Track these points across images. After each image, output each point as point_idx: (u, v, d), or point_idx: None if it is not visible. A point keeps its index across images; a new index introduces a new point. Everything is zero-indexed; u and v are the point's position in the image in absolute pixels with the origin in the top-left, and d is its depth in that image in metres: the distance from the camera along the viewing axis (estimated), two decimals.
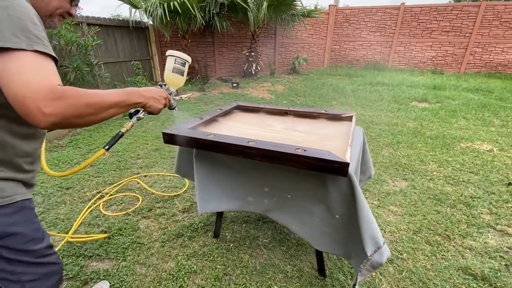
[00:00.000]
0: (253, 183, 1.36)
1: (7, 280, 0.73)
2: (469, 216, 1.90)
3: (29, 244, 0.74)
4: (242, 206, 1.44)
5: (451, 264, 1.50)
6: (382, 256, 1.06)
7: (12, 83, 0.54)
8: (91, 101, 0.64)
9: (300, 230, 1.28)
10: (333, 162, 0.98)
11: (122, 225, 1.83)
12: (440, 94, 5.54)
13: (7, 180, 0.71)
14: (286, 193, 1.28)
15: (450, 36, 8.18)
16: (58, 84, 0.59)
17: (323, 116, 1.68)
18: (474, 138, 3.29)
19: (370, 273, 1.09)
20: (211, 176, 1.42)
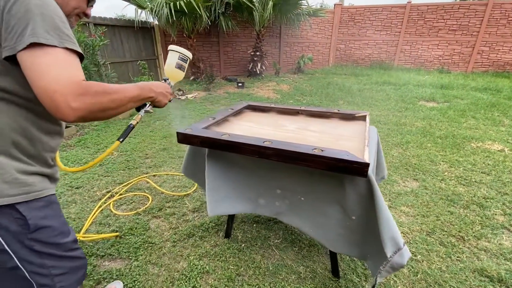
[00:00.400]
0: (265, 184, 1.35)
1: (38, 274, 0.73)
2: (482, 217, 1.87)
3: (58, 238, 0.75)
4: (253, 209, 1.42)
5: (466, 266, 1.48)
6: (402, 257, 1.04)
7: (42, 78, 0.56)
8: (114, 95, 0.68)
9: (314, 232, 1.27)
10: (352, 163, 0.96)
11: (133, 225, 1.83)
12: (448, 94, 5.48)
13: (37, 174, 0.72)
14: (299, 195, 1.26)
15: (457, 35, 8.09)
16: (83, 79, 0.61)
17: (336, 115, 1.67)
18: (484, 138, 3.25)
19: (389, 274, 1.07)
20: (223, 177, 1.41)
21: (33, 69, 0.56)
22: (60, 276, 0.77)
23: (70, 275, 0.80)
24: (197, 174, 1.63)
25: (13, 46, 0.57)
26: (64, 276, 0.78)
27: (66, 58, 0.60)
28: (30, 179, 0.70)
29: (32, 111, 0.69)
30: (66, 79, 0.57)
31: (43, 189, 0.73)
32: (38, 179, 0.72)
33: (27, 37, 0.56)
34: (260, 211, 1.42)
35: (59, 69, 0.57)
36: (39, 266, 0.73)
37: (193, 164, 1.59)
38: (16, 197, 0.66)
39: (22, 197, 0.67)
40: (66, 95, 0.57)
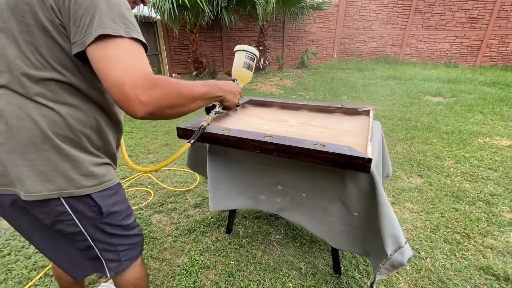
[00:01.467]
0: (266, 180, 1.33)
1: (107, 250, 0.83)
2: (489, 214, 1.83)
3: (124, 220, 0.83)
4: (254, 205, 1.41)
5: (471, 264, 1.45)
6: (403, 255, 1.02)
7: (111, 70, 0.54)
8: (182, 91, 0.65)
9: (316, 229, 1.25)
10: (355, 158, 0.94)
11: None
12: (455, 88, 5.37)
13: (106, 164, 0.77)
14: (300, 191, 1.24)
15: (465, 28, 7.90)
16: (151, 72, 0.59)
17: (339, 110, 1.63)
18: (492, 134, 3.18)
19: (389, 272, 1.05)
20: (224, 172, 1.39)
21: (102, 62, 0.55)
22: (125, 251, 0.87)
23: (132, 250, 0.89)
24: (198, 166, 1.64)
25: (83, 41, 0.55)
26: (127, 251, 0.87)
27: (134, 49, 0.57)
28: (102, 170, 0.74)
29: (102, 106, 0.71)
30: (135, 71, 0.55)
31: (112, 178, 0.78)
32: (107, 170, 0.77)
33: (95, 28, 0.53)
34: (261, 207, 1.40)
35: (127, 60, 0.55)
36: (109, 244, 0.82)
37: (195, 158, 1.59)
38: (92, 188, 0.72)
39: (96, 188, 0.73)
40: (136, 87, 0.54)
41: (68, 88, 0.64)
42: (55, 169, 0.65)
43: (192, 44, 6.82)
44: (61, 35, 0.59)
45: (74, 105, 0.65)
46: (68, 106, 0.65)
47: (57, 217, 0.70)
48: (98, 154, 0.74)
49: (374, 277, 1.08)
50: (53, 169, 0.65)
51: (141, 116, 0.58)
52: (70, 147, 0.67)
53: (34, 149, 0.63)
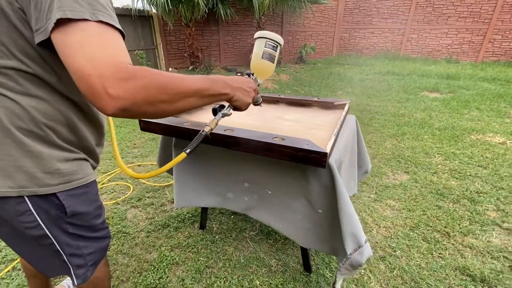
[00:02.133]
0: (233, 177, 1.27)
1: (74, 255, 0.77)
2: (472, 213, 1.78)
3: (92, 220, 0.78)
4: (222, 203, 1.34)
5: (448, 263, 1.41)
6: (362, 255, 0.97)
7: (75, 59, 0.46)
8: (167, 84, 0.53)
9: (284, 228, 1.20)
10: (311, 152, 0.89)
11: (110, 214, 1.81)
12: (454, 84, 5.26)
13: (82, 160, 0.72)
14: (267, 189, 1.19)
15: (467, 22, 7.72)
16: (128, 62, 0.49)
17: (315, 104, 1.58)
18: (486, 130, 3.10)
19: (350, 272, 1.01)
20: (191, 167, 1.34)
21: (65, 51, 0.47)
22: (91, 255, 0.82)
23: (98, 253, 0.85)
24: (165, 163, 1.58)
25: (45, 27, 0.47)
26: (94, 255, 0.83)
27: (102, 34, 0.48)
28: (71, 166, 0.68)
29: (73, 99, 0.65)
30: (103, 60, 0.46)
31: (84, 176, 0.71)
32: (79, 166, 0.70)
33: (55, 12, 0.45)
34: (229, 206, 1.34)
35: (93, 47, 0.46)
36: (76, 248, 0.77)
37: (163, 154, 1.54)
38: (57, 187, 0.66)
39: (62, 186, 0.67)
40: (104, 78, 0.45)
41: (33, 78, 0.57)
42: (16, 165, 0.60)
43: (188, 38, 6.74)
44: (21, 20, 0.51)
45: (40, 97, 0.59)
46: (33, 97, 0.58)
47: (18, 216, 0.65)
48: (69, 149, 0.68)
49: (335, 276, 1.04)
50: (14, 165, 0.60)
51: (111, 112, 0.47)
52: (34, 141, 0.61)
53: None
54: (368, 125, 3.34)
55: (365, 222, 1.71)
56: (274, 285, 1.30)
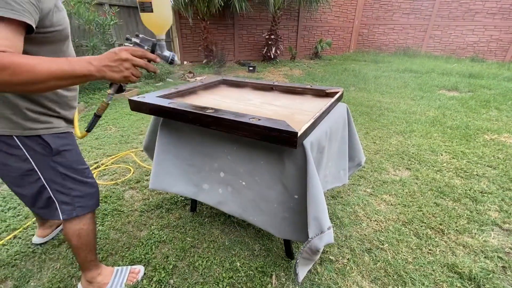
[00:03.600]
0: (210, 165, 1.26)
1: (60, 192, 0.96)
2: (472, 212, 1.70)
3: (76, 164, 0.97)
4: (196, 194, 1.33)
5: (436, 260, 1.36)
6: (321, 240, 0.96)
7: None
8: (16, 69, 0.58)
9: (258, 220, 1.18)
10: (282, 132, 0.89)
11: (109, 194, 1.90)
12: (475, 83, 4.98)
13: (56, 117, 0.92)
14: (241, 179, 1.18)
15: (496, 19, 7.25)
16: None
17: (308, 91, 1.56)
18: (502, 130, 2.92)
19: (310, 257, 0.99)
20: (172, 149, 1.35)
21: None
22: (78, 198, 0.99)
23: (86, 199, 1.01)
24: (152, 149, 1.59)
25: None
26: (81, 198, 1.00)
27: None
28: (47, 118, 0.89)
29: None
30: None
31: (60, 126, 0.92)
32: (55, 120, 0.91)
33: None
34: (202, 198, 1.32)
35: None
36: (62, 186, 0.95)
37: (151, 138, 1.56)
38: (39, 130, 0.87)
39: (45, 130, 0.88)
40: None
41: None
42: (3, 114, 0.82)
43: (203, 31, 6.82)
44: None
45: None
46: None
47: (10, 150, 0.85)
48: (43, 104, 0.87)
49: (296, 260, 1.03)
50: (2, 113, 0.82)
51: None
52: (15, 97, 0.82)
53: None
54: (376, 121, 3.24)
55: (357, 215, 1.68)
56: (254, 268, 1.31)
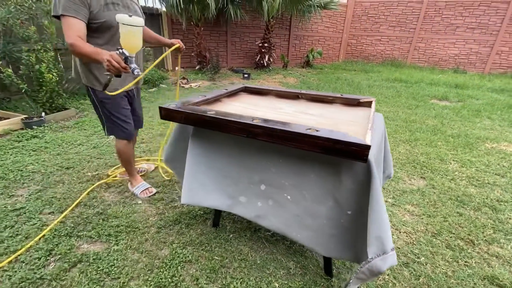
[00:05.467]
0: (249, 176, 1.18)
1: (106, 120, 1.66)
2: (495, 221, 1.71)
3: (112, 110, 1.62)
4: (231, 207, 1.26)
5: (475, 272, 1.34)
6: (384, 262, 0.88)
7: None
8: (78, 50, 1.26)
9: (302, 236, 1.11)
10: (351, 144, 0.83)
11: (119, 208, 1.74)
12: (462, 93, 5.22)
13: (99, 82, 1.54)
14: (286, 193, 1.11)
15: (475, 34, 7.73)
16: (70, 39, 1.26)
17: (338, 100, 1.52)
18: (500, 139, 3.04)
19: (366, 278, 0.92)
20: (205, 161, 1.26)
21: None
22: (107, 126, 1.67)
23: (111, 129, 1.67)
24: (176, 160, 1.49)
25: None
26: (108, 127, 1.67)
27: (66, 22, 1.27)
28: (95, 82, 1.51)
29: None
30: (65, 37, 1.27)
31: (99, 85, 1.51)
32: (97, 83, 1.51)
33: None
34: (238, 211, 1.25)
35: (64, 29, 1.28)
36: (106, 118, 1.64)
37: (174, 149, 1.46)
38: (87, 83, 1.52)
39: (89, 85, 1.52)
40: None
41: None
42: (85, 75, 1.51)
43: (196, 37, 6.72)
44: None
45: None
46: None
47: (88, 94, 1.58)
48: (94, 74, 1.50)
49: (349, 279, 0.96)
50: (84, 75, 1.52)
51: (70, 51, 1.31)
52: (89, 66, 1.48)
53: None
54: None
55: None
56: None
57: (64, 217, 1.65)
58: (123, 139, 1.70)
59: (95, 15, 1.31)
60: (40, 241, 1.47)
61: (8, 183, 1.99)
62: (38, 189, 1.93)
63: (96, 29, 1.36)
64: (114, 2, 1.38)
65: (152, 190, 1.91)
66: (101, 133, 3.02)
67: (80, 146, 2.66)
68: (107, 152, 2.54)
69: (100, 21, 1.34)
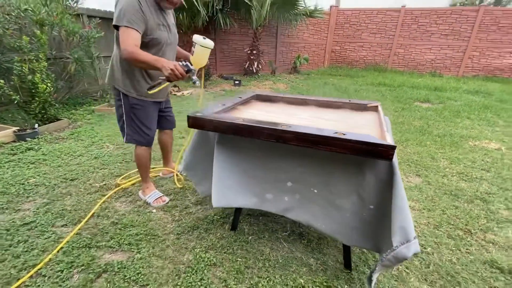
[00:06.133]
0: (275, 176, 1.28)
1: (127, 126, 1.73)
2: (487, 211, 1.88)
3: (134, 117, 1.71)
4: (259, 204, 1.35)
5: (476, 258, 1.48)
6: (409, 249, 0.97)
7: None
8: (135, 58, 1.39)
9: (327, 227, 1.21)
10: (378, 145, 0.93)
11: (134, 217, 1.75)
12: (442, 95, 5.59)
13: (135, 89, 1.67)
14: (312, 187, 1.21)
15: (449, 40, 8.30)
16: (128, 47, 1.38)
17: (347, 106, 1.64)
18: (481, 137, 3.31)
19: (392, 265, 1.01)
20: (232, 165, 1.34)
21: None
22: (128, 133, 1.73)
23: (130, 135, 1.73)
24: (197, 167, 1.56)
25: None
26: (128, 134, 1.73)
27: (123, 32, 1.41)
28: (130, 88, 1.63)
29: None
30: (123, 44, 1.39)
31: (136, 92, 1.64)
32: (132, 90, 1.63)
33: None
34: (266, 207, 1.34)
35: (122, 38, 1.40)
36: (124, 121, 1.72)
37: (194, 157, 1.52)
38: (121, 89, 1.62)
39: (123, 90, 1.62)
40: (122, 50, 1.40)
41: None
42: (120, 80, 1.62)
43: (185, 45, 6.75)
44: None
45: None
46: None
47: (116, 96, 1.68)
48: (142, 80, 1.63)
49: (375, 266, 1.05)
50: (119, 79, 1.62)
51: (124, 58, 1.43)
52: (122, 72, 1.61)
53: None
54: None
55: None
56: (319, 283, 1.30)
57: (79, 229, 1.64)
58: (143, 145, 1.77)
59: (149, 32, 1.48)
60: (59, 254, 1.46)
61: (11, 197, 1.94)
62: (45, 202, 1.89)
63: (146, 44, 1.50)
64: (163, 24, 1.56)
65: (165, 199, 1.93)
66: (100, 143, 2.98)
67: (80, 157, 2.62)
68: (110, 162, 2.52)
69: (151, 37, 1.50)
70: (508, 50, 7.90)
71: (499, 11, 7.78)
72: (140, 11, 1.38)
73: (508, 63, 8.01)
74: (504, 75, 8.10)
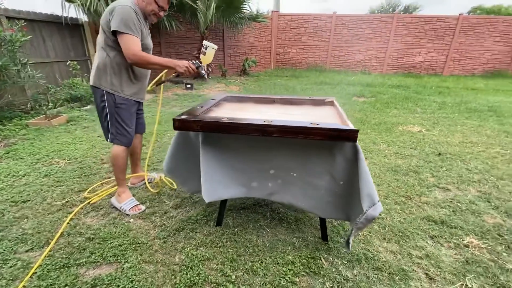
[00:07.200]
0: (258, 167, 1.44)
1: (111, 125, 1.77)
2: (419, 180, 2.35)
3: (120, 116, 1.77)
4: (246, 192, 1.49)
5: (417, 216, 1.86)
6: (375, 210, 1.23)
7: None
8: (145, 60, 1.58)
9: (306, 204, 1.41)
10: (345, 131, 1.15)
11: (111, 229, 1.68)
12: (373, 90, 6.48)
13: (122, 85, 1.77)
14: (292, 172, 1.40)
15: (373, 42, 9.60)
16: (133, 51, 1.54)
17: (308, 102, 1.88)
18: (407, 123, 4.00)
19: (364, 226, 1.26)
20: (218, 162, 1.44)
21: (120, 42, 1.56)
22: (113, 133, 1.78)
23: (117, 136, 1.78)
24: (178, 167, 1.64)
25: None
26: (114, 134, 1.78)
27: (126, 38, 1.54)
28: (125, 87, 1.73)
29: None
30: (126, 49, 1.54)
31: (122, 92, 1.72)
32: (128, 88, 1.75)
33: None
34: (253, 194, 1.49)
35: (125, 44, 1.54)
36: (110, 121, 1.74)
37: (176, 159, 1.58)
38: (107, 89, 1.69)
39: (117, 92, 1.71)
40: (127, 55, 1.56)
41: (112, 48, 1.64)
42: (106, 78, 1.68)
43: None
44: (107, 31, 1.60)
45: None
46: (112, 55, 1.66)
47: (100, 98, 1.72)
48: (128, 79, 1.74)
49: (351, 231, 1.29)
50: (104, 77, 1.68)
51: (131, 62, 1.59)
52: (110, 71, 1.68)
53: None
54: None
55: None
56: (304, 256, 1.49)
57: (50, 250, 1.51)
58: (124, 145, 1.80)
59: (142, 39, 1.65)
60: (33, 279, 1.33)
61: None
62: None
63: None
64: (148, 32, 1.78)
65: (141, 207, 1.89)
66: (46, 159, 2.69)
67: (26, 177, 2.33)
68: (67, 178, 2.31)
69: (143, 43, 1.66)
70: (417, 51, 9.54)
71: (409, 17, 9.36)
72: (137, 21, 1.57)
73: (418, 61, 9.68)
74: (416, 71, 9.76)
